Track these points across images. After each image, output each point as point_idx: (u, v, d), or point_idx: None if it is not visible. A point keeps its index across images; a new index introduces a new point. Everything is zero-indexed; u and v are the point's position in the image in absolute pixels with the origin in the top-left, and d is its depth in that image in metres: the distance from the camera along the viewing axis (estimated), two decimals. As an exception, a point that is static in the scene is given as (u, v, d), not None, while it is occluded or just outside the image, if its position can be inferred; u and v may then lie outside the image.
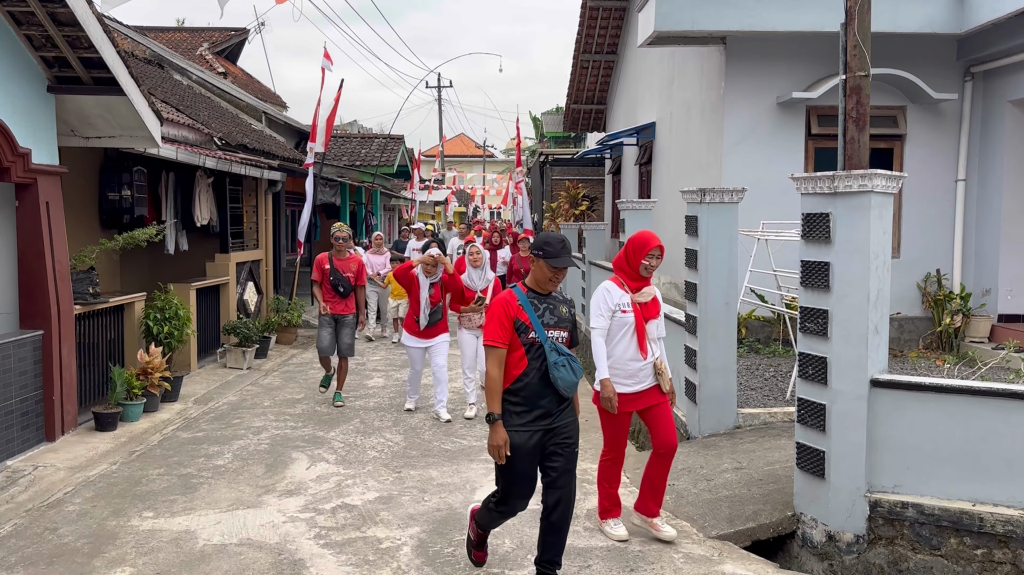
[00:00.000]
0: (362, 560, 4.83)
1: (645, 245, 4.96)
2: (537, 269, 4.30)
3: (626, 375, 4.99)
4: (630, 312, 4.95)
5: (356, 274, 8.69)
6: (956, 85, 10.27)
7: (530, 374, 4.18)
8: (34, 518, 5.50)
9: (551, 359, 4.16)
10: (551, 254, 4.24)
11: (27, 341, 6.86)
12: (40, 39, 6.87)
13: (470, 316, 8.33)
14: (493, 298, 4.46)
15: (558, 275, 4.27)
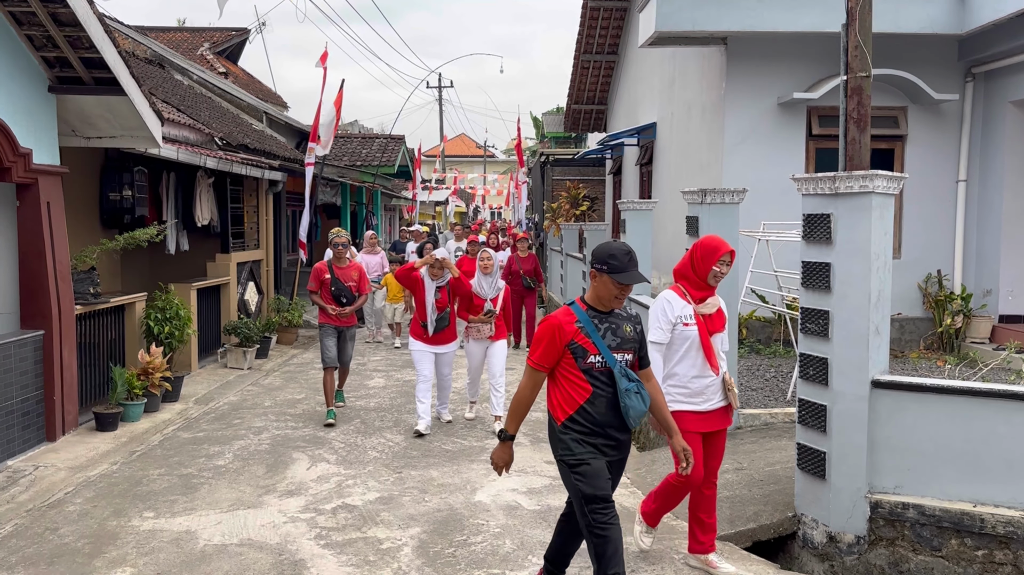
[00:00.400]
0: (363, 560, 4.83)
1: (716, 251, 4.44)
2: (600, 285, 3.80)
3: (692, 394, 4.48)
4: (693, 325, 4.46)
5: (358, 283, 8.16)
6: (957, 86, 10.27)
7: (596, 401, 3.78)
8: (35, 518, 5.50)
9: (621, 386, 3.76)
10: (617, 268, 3.75)
11: (28, 341, 6.86)
12: (41, 39, 6.87)
13: (479, 327, 7.76)
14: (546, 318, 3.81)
15: (625, 292, 3.79)
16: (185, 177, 10.96)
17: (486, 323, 7.76)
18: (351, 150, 22.22)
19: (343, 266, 8.15)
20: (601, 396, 3.78)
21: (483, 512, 5.61)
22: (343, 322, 8.09)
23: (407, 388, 9.55)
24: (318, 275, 8.09)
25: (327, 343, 8.05)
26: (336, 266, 8.11)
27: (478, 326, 7.78)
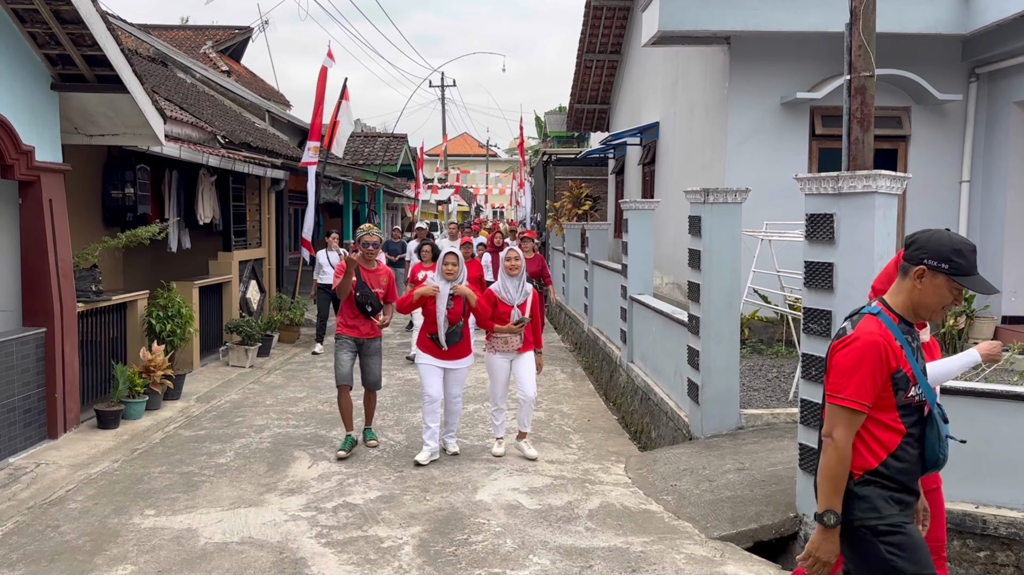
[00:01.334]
0: (363, 559, 4.82)
1: None
2: (930, 289, 2.83)
3: None
4: None
5: (387, 289, 7.08)
6: (961, 86, 10.24)
7: (908, 448, 2.88)
8: (36, 515, 5.50)
9: (942, 430, 2.94)
10: (963, 269, 2.80)
11: (30, 338, 6.87)
12: (44, 36, 6.88)
13: (506, 338, 6.78)
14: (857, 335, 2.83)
15: (958, 302, 2.91)
16: (187, 175, 10.96)
17: (515, 333, 6.76)
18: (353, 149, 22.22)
19: (371, 269, 7.12)
20: (912, 440, 2.91)
21: (484, 511, 5.61)
22: (365, 333, 7.02)
23: (409, 387, 9.55)
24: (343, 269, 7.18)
25: (342, 357, 6.95)
26: (364, 268, 7.09)
27: (506, 337, 6.77)
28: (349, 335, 6.94)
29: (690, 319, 7.21)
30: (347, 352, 6.96)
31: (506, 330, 6.68)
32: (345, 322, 6.95)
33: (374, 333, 7.05)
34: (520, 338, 6.78)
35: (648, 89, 15.43)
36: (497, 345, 6.81)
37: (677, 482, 6.01)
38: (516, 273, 6.78)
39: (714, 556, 4.86)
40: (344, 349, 6.96)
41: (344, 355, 6.95)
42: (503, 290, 6.78)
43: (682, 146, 12.69)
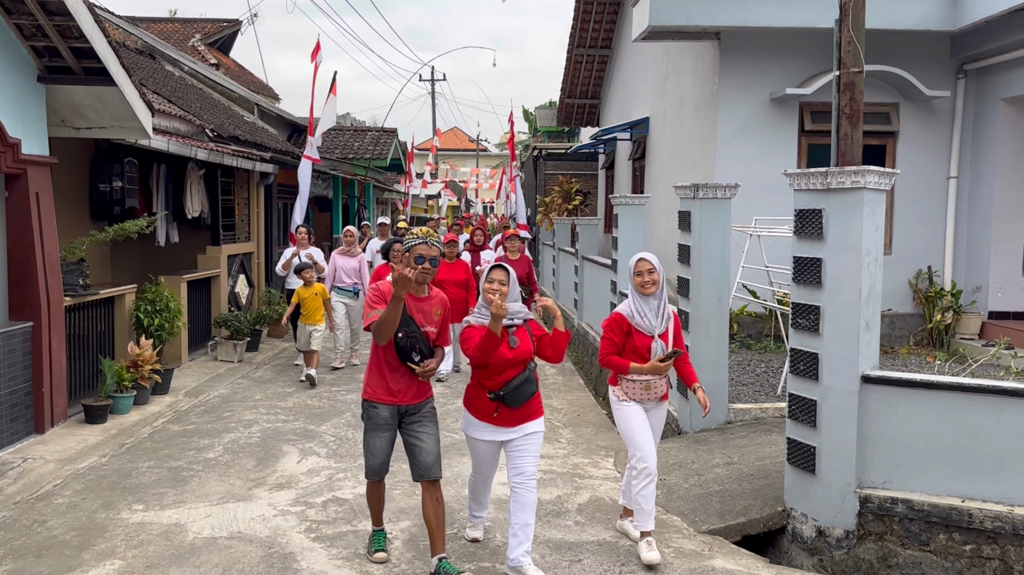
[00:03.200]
0: (353, 554, 4.82)
1: None
2: None
3: None
4: None
5: (441, 326, 4.68)
6: (949, 82, 10.30)
7: None
8: (23, 511, 5.47)
9: None
10: None
11: (16, 333, 6.82)
12: (30, 28, 6.82)
13: (648, 381, 4.88)
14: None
15: None
16: (176, 169, 10.90)
17: (663, 373, 4.90)
18: (343, 143, 22.13)
19: (422, 296, 4.61)
20: None
21: (474, 506, 5.60)
22: (411, 397, 4.58)
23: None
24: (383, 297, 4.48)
25: (375, 443, 4.59)
26: (411, 295, 4.56)
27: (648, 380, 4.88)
28: (388, 402, 4.54)
29: (679, 314, 7.23)
30: (383, 433, 4.58)
31: (650, 369, 4.83)
32: (380, 382, 4.56)
33: (424, 393, 4.64)
34: (667, 379, 4.99)
35: (639, 84, 15.43)
36: (634, 391, 4.86)
37: (666, 476, 6.03)
38: (653, 290, 4.88)
39: (702, 550, 4.88)
40: (378, 429, 4.58)
41: (379, 439, 4.58)
42: (637, 314, 4.88)
43: (672, 141, 12.70)
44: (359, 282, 10.26)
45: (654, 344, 4.88)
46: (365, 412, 4.65)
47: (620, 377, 4.91)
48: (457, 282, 9.35)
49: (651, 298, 4.92)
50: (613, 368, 4.91)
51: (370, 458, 4.66)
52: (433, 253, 4.54)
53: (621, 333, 4.89)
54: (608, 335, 4.92)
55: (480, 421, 4.58)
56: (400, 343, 4.47)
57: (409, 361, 4.50)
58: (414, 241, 4.54)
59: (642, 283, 4.88)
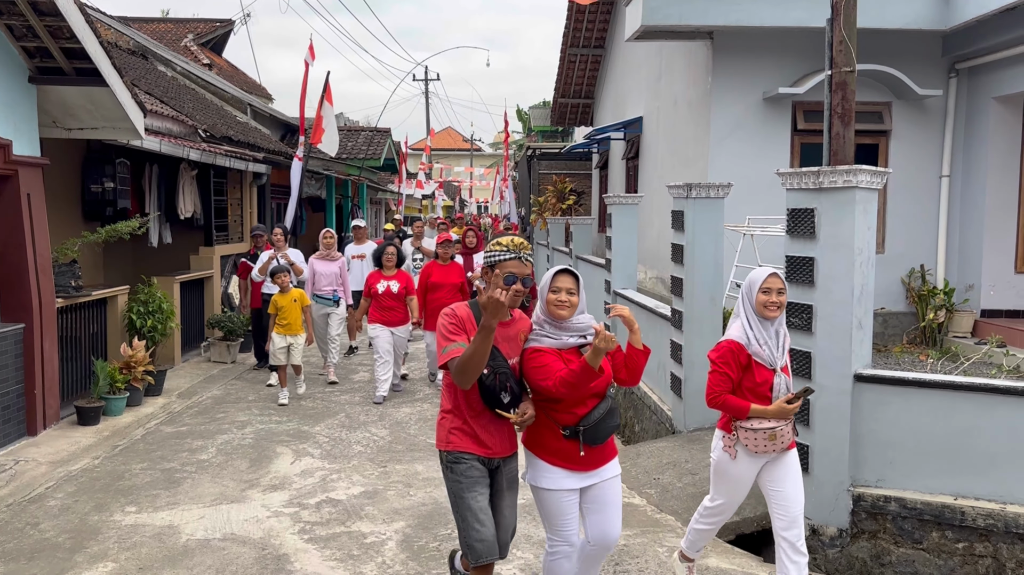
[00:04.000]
0: (347, 555, 4.81)
1: None
2: None
3: None
4: None
5: None
6: (941, 81, 10.32)
7: None
8: (15, 513, 5.45)
9: None
10: None
11: (8, 334, 6.79)
12: (21, 29, 6.79)
13: (774, 429, 3.90)
14: None
15: None
16: (168, 169, 10.87)
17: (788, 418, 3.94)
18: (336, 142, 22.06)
19: (506, 320, 3.66)
20: None
21: (468, 506, 5.60)
22: (501, 447, 3.66)
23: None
24: (462, 324, 3.54)
25: (475, 501, 3.56)
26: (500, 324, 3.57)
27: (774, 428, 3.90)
28: (478, 452, 3.59)
29: (673, 313, 7.24)
30: (483, 489, 3.61)
31: (776, 412, 3.85)
32: (464, 431, 3.60)
33: (514, 443, 3.72)
34: (792, 423, 3.96)
35: (632, 84, 15.44)
36: (757, 441, 3.89)
37: (660, 475, 6.04)
38: (777, 314, 3.96)
39: (696, 549, 4.87)
40: (476, 484, 3.59)
41: (480, 497, 3.58)
42: (756, 341, 3.95)
43: (666, 141, 12.71)
44: (340, 289, 9.66)
45: (776, 380, 3.92)
46: (449, 469, 3.56)
47: (736, 423, 3.92)
48: (452, 286, 8.87)
49: (770, 323, 3.99)
50: (729, 411, 3.92)
51: (476, 527, 3.46)
52: (527, 271, 3.52)
53: (738, 366, 3.90)
54: (721, 369, 3.91)
55: (555, 466, 3.55)
56: (486, 382, 3.45)
57: (497, 406, 3.50)
58: (502, 254, 3.52)
59: (766, 304, 3.91)
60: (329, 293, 9.54)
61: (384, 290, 8.68)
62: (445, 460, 3.61)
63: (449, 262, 9.04)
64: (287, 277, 8.63)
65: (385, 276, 8.75)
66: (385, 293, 8.69)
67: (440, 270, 8.93)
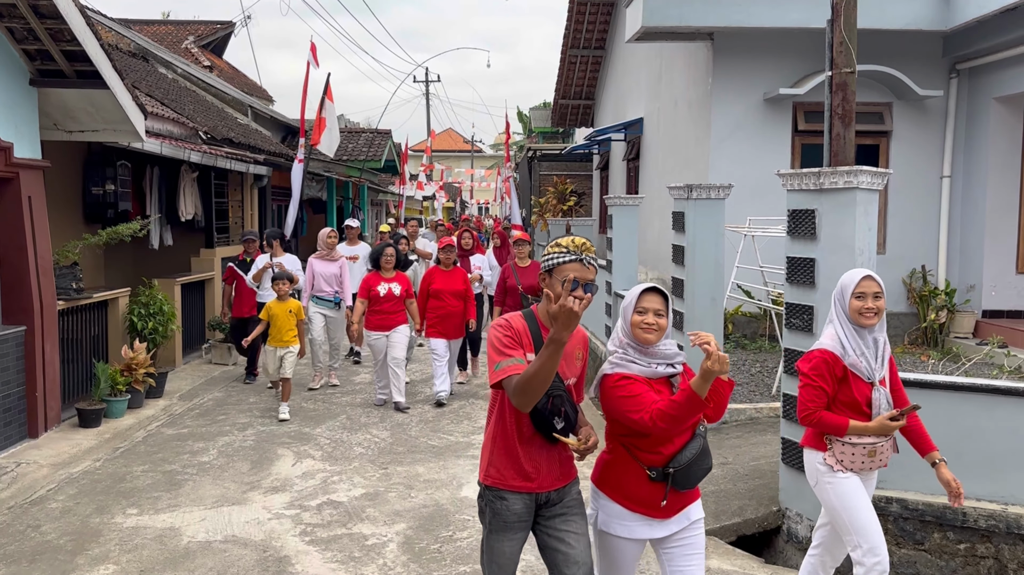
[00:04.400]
0: (348, 557, 4.81)
1: None
2: None
3: None
4: None
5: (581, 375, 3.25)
6: (942, 82, 10.32)
7: None
8: (16, 515, 5.45)
9: None
10: None
11: (9, 337, 6.80)
12: (22, 31, 6.79)
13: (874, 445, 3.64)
14: None
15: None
16: (169, 171, 10.88)
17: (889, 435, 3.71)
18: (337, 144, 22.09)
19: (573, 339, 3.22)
20: None
21: (469, 508, 5.60)
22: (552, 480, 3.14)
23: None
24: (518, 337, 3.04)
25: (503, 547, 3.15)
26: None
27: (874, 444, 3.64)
28: (522, 489, 3.10)
29: (674, 315, 7.23)
30: (514, 535, 3.15)
31: (877, 429, 3.58)
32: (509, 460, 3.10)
33: (569, 473, 3.20)
34: (891, 441, 3.72)
35: (632, 85, 15.45)
36: (855, 458, 3.62)
37: (661, 477, 6.03)
38: (874, 321, 3.66)
39: (698, 550, 4.87)
40: (508, 529, 3.13)
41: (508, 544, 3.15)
42: (853, 351, 3.62)
43: (666, 142, 12.72)
44: (340, 290, 9.27)
45: (875, 394, 3.60)
46: (488, 505, 3.12)
47: (831, 439, 3.62)
48: (456, 293, 8.51)
49: (867, 331, 3.65)
50: (825, 428, 3.58)
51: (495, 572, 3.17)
52: (590, 276, 3.00)
53: (833, 379, 3.58)
54: (815, 382, 3.57)
55: (634, 512, 3.11)
56: (537, 405, 2.97)
57: (551, 430, 3.04)
58: (562, 256, 3.01)
59: (862, 310, 3.61)
60: (330, 294, 9.18)
61: (385, 293, 8.25)
62: (484, 495, 3.14)
63: (452, 267, 8.63)
64: (286, 285, 8.19)
65: (384, 278, 8.33)
66: (386, 296, 8.26)
67: (443, 276, 8.53)
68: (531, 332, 3.05)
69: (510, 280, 8.68)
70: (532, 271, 8.70)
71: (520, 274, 8.69)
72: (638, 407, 2.97)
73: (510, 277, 8.69)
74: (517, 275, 8.67)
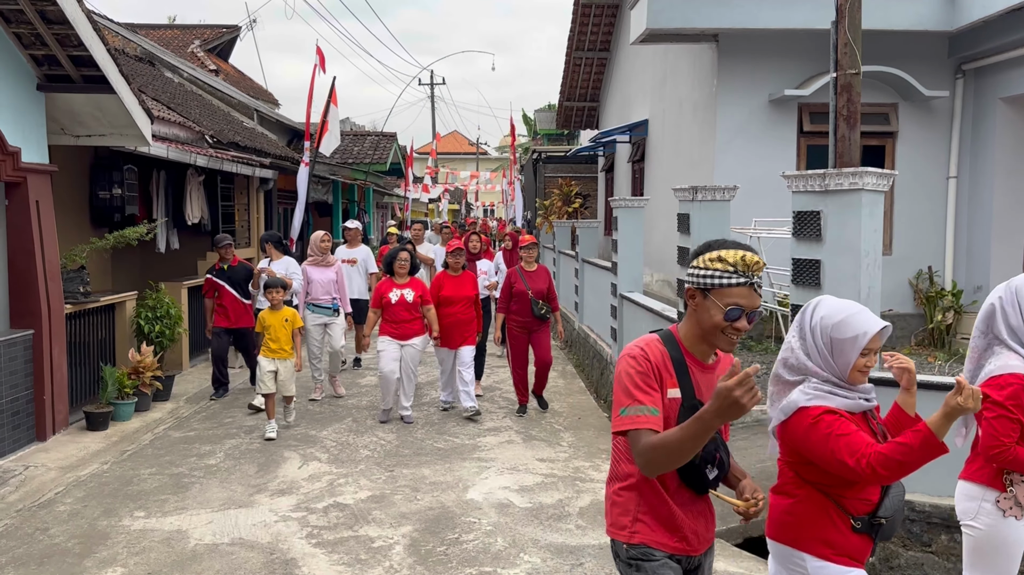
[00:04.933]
0: (354, 559, 4.82)
1: None
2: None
3: None
4: None
5: None
6: (947, 82, 10.30)
7: None
8: (25, 518, 5.48)
9: None
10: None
11: (17, 340, 6.83)
12: (29, 37, 6.83)
13: None
14: None
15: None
16: (175, 175, 10.92)
17: None
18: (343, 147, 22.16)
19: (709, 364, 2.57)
20: None
21: (475, 510, 5.61)
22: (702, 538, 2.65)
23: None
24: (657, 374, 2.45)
25: None
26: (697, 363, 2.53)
27: None
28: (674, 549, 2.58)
29: (679, 317, 7.23)
30: None
31: None
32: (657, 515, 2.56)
33: (711, 528, 2.70)
34: None
35: (637, 86, 15.45)
36: None
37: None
38: None
39: (704, 553, 4.87)
40: None
41: None
42: None
43: (671, 143, 12.71)
44: (338, 296, 8.88)
45: None
46: (632, 567, 2.55)
47: (1012, 479, 3.17)
48: (467, 300, 8.10)
49: None
50: (1019, 467, 3.11)
51: None
52: (757, 303, 2.44)
53: None
54: (1012, 414, 3.08)
55: (843, 566, 2.67)
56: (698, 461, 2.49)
57: (703, 482, 2.53)
58: (728, 277, 2.40)
59: None
60: (328, 302, 8.75)
61: (398, 300, 7.71)
62: (625, 555, 2.56)
63: (461, 272, 8.20)
64: (280, 293, 7.58)
65: (397, 284, 7.80)
66: (399, 303, 7.71)
67: (452, 282, 8.08)
68: (673, 360, 2.48)
69: (517, 285, 8.27)
70: (540, 275, 8.41)
71: (528, 279, 8.30)
72: (852, 449, 2.50)
73: (517, 282, 8.28)
74: (525, 279, 8.29)
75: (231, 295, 8.84)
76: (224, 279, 8.86)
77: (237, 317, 8.87)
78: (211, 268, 9.09)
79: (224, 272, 8.91)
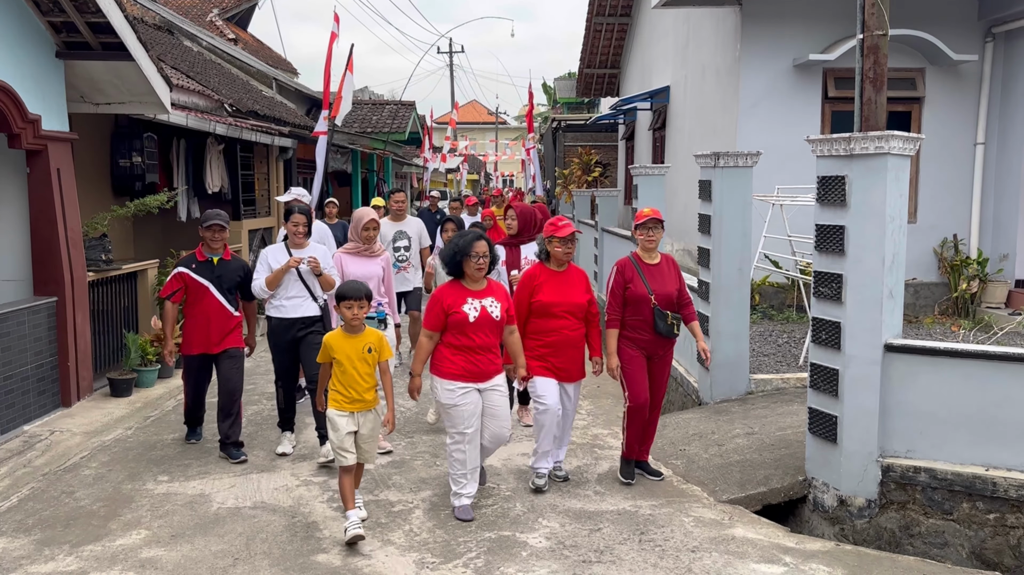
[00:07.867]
0: (374, 523, 4.86)
1: None
2: None
3: None
4: None
5: None
6: (977, 46, 10.06)
7: None
8: (51, 482, 5.57)
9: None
10: None
11: (41, 307, 6.90)
12: (47, 4, 6.82)
13: None
14: None
15: None
16: (195, 144, 10.93)
17: None
18: (361, 116, 22.09)
19: None
20: None
21: (494, 475, 5.64)
22: None
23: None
24: None
25: None
26: None
27: None
28: None
29: (700, 285, 7.18)
30: None
31: None
32: None
33: None
34: None
35: (659, 52, 15.23)
36: None
37: (686, 447, 6.02)
38: None
39: (723, 519, 4.88)
40: None
41: None
42: None
43: (693, 110, 12.55)
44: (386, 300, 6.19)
45: None
46: None
47: None
48: (577, 309, 5.33)
49: None
50: None
51: None
52: None
53: None
54: None
55: None
56: None
57: None
58: None
59: None
60: (372, 308, 5.17)
61: (478, 317, 4.80)
62: None
63: (566, 266, 5.39)
64: (364, 308, 4.69)
65: (473, 291, 4.89)
66: (480, 322, 4.82)
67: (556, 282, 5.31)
68: None
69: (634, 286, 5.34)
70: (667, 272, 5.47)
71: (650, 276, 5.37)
72: None
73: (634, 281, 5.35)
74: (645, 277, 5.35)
75: (216, 302, 6.07)
76: (209, 277, 6.11)
77: (222, 336, 6.12)
78: (186, 258, 6.37)
79: (210, 267, 6.17)
